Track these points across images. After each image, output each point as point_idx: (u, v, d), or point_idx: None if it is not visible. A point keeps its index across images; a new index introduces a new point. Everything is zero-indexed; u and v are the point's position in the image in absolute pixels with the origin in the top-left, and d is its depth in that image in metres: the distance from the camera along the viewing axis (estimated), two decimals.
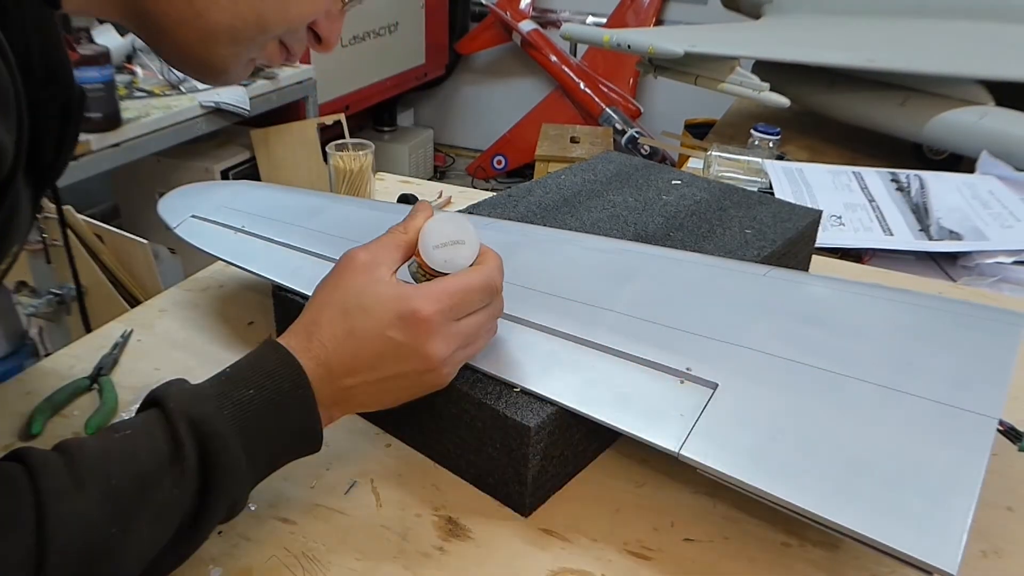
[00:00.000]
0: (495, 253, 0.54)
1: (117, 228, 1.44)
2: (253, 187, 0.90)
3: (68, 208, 1.39)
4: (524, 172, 3.55)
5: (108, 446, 0.43)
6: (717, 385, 0.53)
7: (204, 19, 0.51)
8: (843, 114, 1.70)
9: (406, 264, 0.54)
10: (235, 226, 0.77)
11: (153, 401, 0.47)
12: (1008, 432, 0.49)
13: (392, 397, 0.53)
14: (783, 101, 1.58)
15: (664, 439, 0.50)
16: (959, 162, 1.54)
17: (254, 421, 0.46)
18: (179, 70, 0.58)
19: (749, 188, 1.04)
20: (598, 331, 0.59)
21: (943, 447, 0.47)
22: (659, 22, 3.29)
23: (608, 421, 0.52)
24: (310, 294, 0.55)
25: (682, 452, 0.49)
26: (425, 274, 0.54)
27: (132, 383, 0.69)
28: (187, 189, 0.88)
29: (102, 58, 1.70)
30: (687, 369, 0.54)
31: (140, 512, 0.42)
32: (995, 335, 0.56)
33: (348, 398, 0.51)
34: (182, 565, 0.47)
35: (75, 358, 0.72)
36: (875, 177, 1.29)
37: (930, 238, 1.10)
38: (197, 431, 0.44)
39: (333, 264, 0.54)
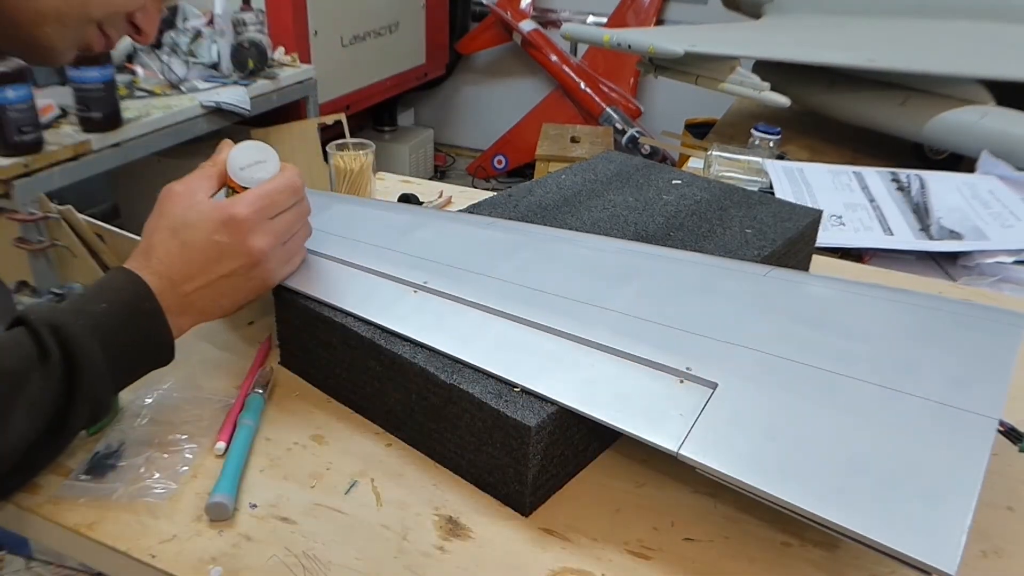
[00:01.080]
0: (291, 165, 0.64)
1: (117, 228, 1.44)
2: None
3: (68, 208, 1.38)
4: (524, 172, 3.55)
5: None
6: (717, 385, 0.53)
7: (36, 2, 0.60)
8: (843, 114, 1.70)
9: (222, 191, 0.63)
10: None
11: (16, 320, 0.53)
12: (1008, 432, 0.49)
13: (230, 299, 0.61)
14: (783, 101, 1.58)
15: (663, 439, 0.50)
16: (959, 162, 1.54)
17: (110, 330, 0.54)
18: (8, 51, 0.67)
19: (749, 188, 1.04)
20: (598, 331, 0.59)
21: (943, 447, 0.47)
22: (659, 22, 3.29)
23: (608, 421, 0.52)
24: (311, 293, 0.56)
25: (681, 452, 0.49)
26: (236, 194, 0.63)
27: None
28: None
29: (102, 58, 1.69)
30: (687, 369, 0.54)
31: (13, 406, 0.48)
32: (995, 335, 0.56)
33: (191, 304, 0.59)
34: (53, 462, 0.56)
35: None
36: (875, 177, 1.29)
37: (930, 238, 1.10)
38: (58, 335, 0.51)
39: (335, 262, 0.55)
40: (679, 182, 0.92)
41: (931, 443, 0.47)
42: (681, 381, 0.54)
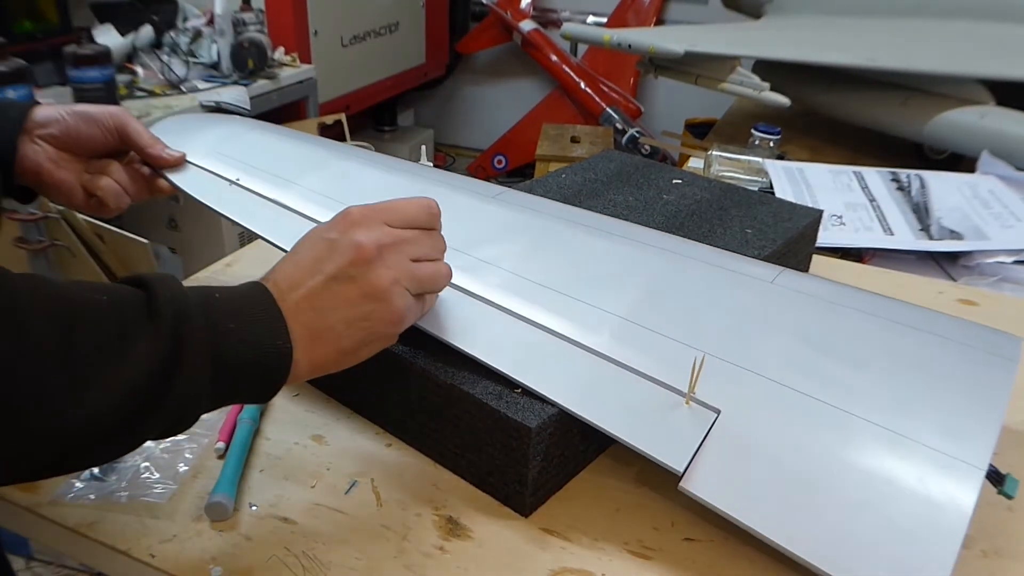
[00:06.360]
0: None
1: (117, 228, 1.44)
2: (248, 128, 0.87)
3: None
4: (524, 172, 3.54)
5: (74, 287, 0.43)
6: (720, 412, 0.52)
7: None
8: (843, 114, 1.70)
9: None
10: (229, 178, 0.75)
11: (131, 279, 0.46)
12: (990, 476, 0.49)
13: (341, 317, 0.49)
14: (783, 101, 1.58)
15: (667, 457, 0.50)
16: (960, 162, 1.54)
17: (221, 309, 0.46)
18: None
19: (750, 188, 1.04)
20: (600, 337, 0.58)
21: (931, 497, 0.47)
22: (659, 22, 3.29)
23: (609, 430, 0.52)
24: None
25: (684, 486, 0.50)
26: None
27: None
28: (180, 121, 0.85)
29: (102, 58, 1.69)
30: (691, 391, 0.54)
31: (118, 360, 0.41)
32: (993, 368, 0.55)
33: (299, 313, 0.48)
34: None
35: None
36: (876, 177, 1.29)
37: (931, 238, 1.10)
38: (174, 305, 0.43)
39: None
40: (679, 182, 0.92)
41: (921, 491, 0.47)
42: (687, 402, 0.53)
